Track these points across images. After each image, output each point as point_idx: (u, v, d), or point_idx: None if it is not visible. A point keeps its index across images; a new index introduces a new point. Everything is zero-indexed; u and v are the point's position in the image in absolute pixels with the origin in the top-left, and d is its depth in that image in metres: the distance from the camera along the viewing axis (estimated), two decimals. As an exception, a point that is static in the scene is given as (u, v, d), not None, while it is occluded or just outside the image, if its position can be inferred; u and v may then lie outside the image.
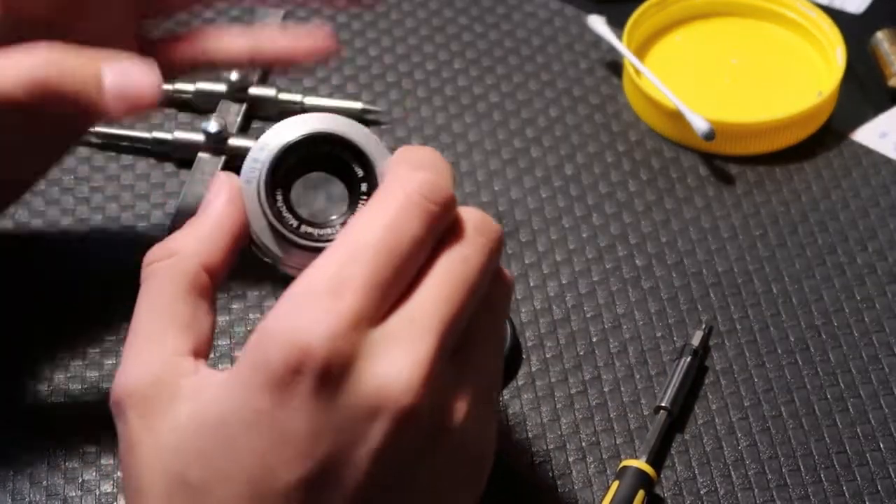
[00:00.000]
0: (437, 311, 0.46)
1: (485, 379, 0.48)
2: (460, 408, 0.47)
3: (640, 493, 0.60)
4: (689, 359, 0.65)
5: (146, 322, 0.48)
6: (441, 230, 0.48)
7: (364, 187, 0.51)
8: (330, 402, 0.44)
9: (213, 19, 0.81)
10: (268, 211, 0.51)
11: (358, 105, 0.78)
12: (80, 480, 0.63)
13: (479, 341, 0.48)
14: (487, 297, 0.48)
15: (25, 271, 0.70)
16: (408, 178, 0.48)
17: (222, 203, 0.50)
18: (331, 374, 0.44)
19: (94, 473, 0.63)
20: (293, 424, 0.44)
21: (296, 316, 0.45)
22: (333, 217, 0.51)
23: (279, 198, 0.51)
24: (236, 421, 0.45)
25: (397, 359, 0.45)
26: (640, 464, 0.61)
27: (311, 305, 0.45)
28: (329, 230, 0.51)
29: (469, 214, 0.49)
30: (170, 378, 0.47)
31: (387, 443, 0.45)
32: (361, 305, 0.45)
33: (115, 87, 0.57)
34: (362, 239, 0.46)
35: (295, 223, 0.51)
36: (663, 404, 0.64)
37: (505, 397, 0.65)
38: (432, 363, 0.45)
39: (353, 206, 0.51)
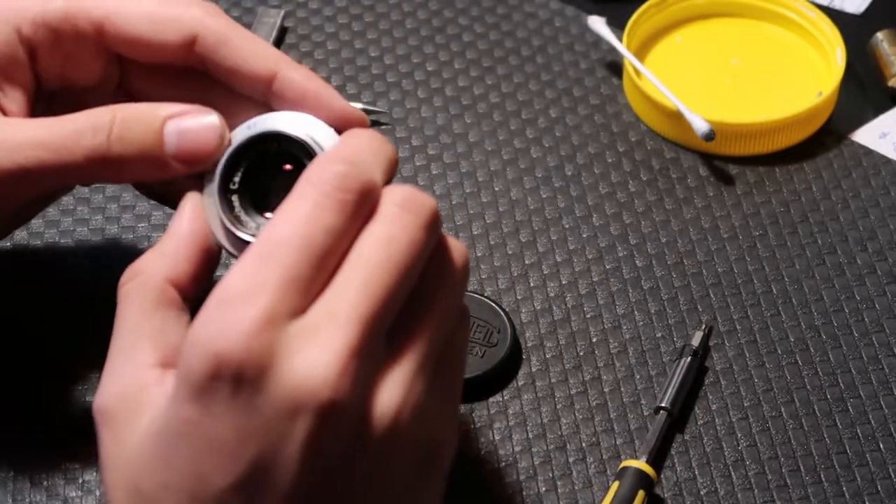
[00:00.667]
0: (358, 298, 0.46)
1: (428, 360, 0.48)
2: (395, 394, 0.46)
3: (641, 494, 0.60)
4: (689, 359, 0.65)
5: (118, 340, 0.51)
6: (363, 217, 0.48)
7: None
8: (251, 404, 0.45)
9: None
10: (224, 217, 0.53)
11: (358, 105, 0.78)
12: (80, 481, 0.63)
13: (420, 320, 0.48)
14: (427, 273, 0.48)
15: (25, 271, 0.70)
16: (318, 173, 0.48)
17: (184, 219, 0.53)
18: (247, 377, 0.45)
19: (94, 474, 0.63)
20: (218, 431, 0.45)
21: (212, 323, 0.45)
22: None
23: (235, 202, 0.53)
24: (170, 432, 0.46)
25: (315, 353, 0.45)
26: (640, 464, 0.61)
27: (226, 310, 0.45)
28: None
29: (394, 192, 0.49)
30: (134, 391, 0.49)
31: (312, 439, 0.45)
32: (276, 303, 0.45)
33: (177, 149, 0.56)
34: (274, 237, 0.47)
35: (253, 225, 0.53)
36: (663, 404, 0.64)
37: (505, 397, 0.65)
38: (353, 354, 0.45)
39: None
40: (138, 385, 0.49)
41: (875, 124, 0.78)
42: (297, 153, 0.53)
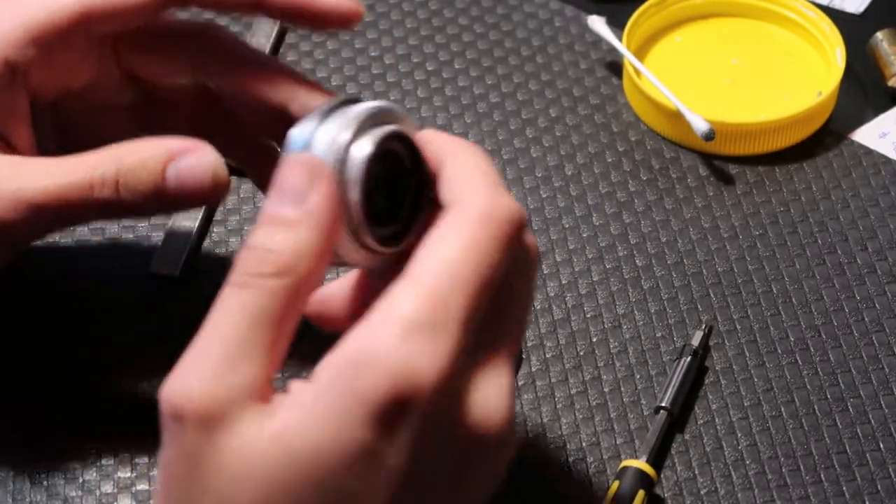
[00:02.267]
0: (511, 333, 0.46)
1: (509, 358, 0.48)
2: (503, 404, 0.46)
3: (641, 494, 0.60)
4: (688, 359, 0.65)
5: (233, 330, 0.45)
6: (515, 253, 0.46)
7: (426, 192, 0.49)
8: (433, 440, 0.44)
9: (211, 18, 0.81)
10: (363, 225, 0.47)
11: (358, 105, 0.78)
12: (81, 480, 0.63)
13: (512, 318, 0.48)
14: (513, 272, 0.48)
15: (25, 271, 0.70)
16: (490, 199, 0.46)
17: (324, 205, 0.46)
18: (439, 412, 0.43)
19: (94, 473, 0.63)
20: (395, 461, 0.43)
21: (401, 347, 0.43)
22: (391, 220, 0.49)
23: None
24: (333, 453, 0.42)
25: (493, 391, 0.45)
26: (641, 464, 0.61)
27: (417, 338, 0.43)
28: (389, 230, 0.49)
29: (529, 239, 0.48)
30: (239, 397, 0.44)
31: (491, 470, 0.46)
32: (463, 340, 0.44)
33: (179, 189, 0.56)
34: (457, 270, 0.44)
35: (381, 235, 0.48)
36: (663, 404, 0.64)
37: (505, 397, 0.65)
38: (511, 390, 0.46)
39: (415, 211, 0.49)
40: (246, 392, 0.44)
41: (875, 124, 0.78)
42: (405, 157, 0.49)
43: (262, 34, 0.81)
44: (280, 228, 0.45)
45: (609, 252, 0.71)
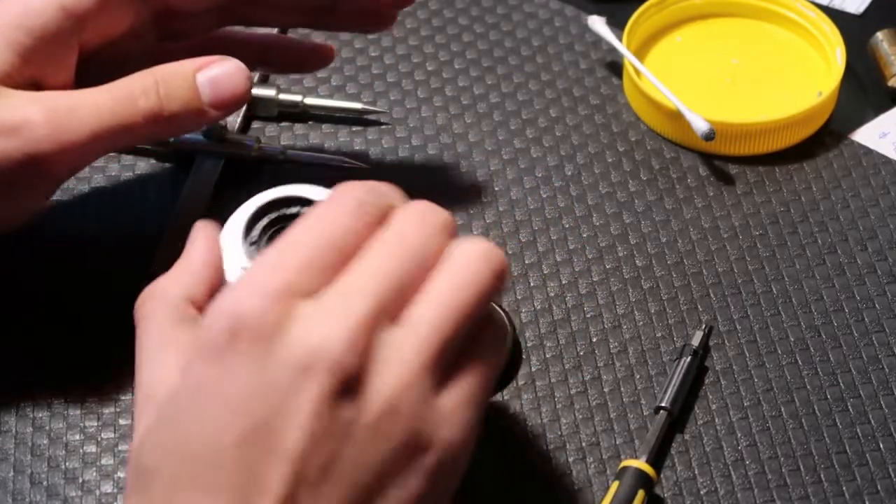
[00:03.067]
0: (371, 280, 0.48)
1: (442, 356, 0.49)
2: (394, 378, 0.47)
3: (640, 494, 0.60)
4: (688, 359, 0.65)
5: (145, 354, 0.53)
6: (378, 224, 0.50)
7: None
8: (265, 361, 0.46)
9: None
10: (243, 262, 0.57)
11: (358, 105, 0.78)
12: (81, 480, 0.63)
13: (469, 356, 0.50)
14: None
15: (25, 271, 0.70)
16: (341, 191, 0.51)
17: (198, 246, 0.56)
18: (263, 335, 0.46)
19: (94, 473, 0.63)
20: (231, 387, 0.46)
21: (233, 292, 0.48)
22: None
23: (253, 252, 0.57)
24: (181, 396, 0.47)
25: (328, 322, 0.47)
26: (640, 464, 0.61)
27: (247, 282, 0.48)
28: None
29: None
30: (160, 387, 0.51)
31: (318, 399, 0.46)
32: (294, 279, 0.47)
33: (212, 97, 0.63)
34: (293, 232, 0.49)
35: None
36: (663, 404, 0.64)
37: (505, 397, 0.65)
38: (362, 328, 0.47)
39: None
40: (165, 381, 0.50)
41: (875, 124, 0.78)
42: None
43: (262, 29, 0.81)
44: (166, 274, 0.56)
45: (609, 252, 0.71)
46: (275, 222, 0.58)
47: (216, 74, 0.63)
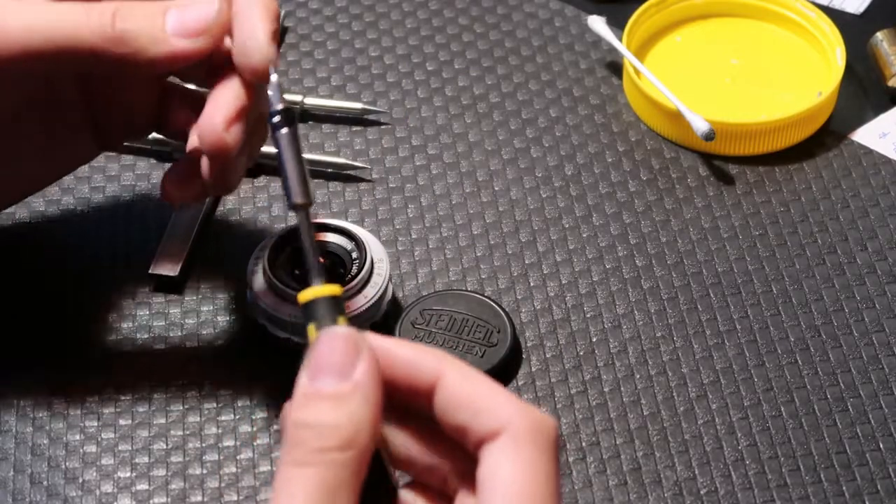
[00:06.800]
0: None
1: None
2: None
3: (342, 320, 0.50)
4: (286, 130, 0.56)
5: None
6: None
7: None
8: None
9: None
10: (274, 281, 0.65)
11: (358, 105, 0.78)
12: (81, 480, 0.63)
13: None
14: None
15: (25, 271, 0.70)
16: (528, 415, 0.48)
17: (370, 375, 0.47)
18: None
19: (94, 473, 0.63)
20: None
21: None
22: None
23: (278, 272, 0.65)
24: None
25: None
26: (319, 290, 0.50)
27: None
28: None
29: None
30: None
31: None
32: None
33: (177, 24, 0.58)
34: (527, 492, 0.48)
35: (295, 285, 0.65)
36: (298, 201, 0.54)
37: (505, 397, 0.65)
38: None
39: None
40: None
41: (875, 124, 0.78)
42: (337, 254, 0.67)
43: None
44: (331, 403, 0.46)
45: (609, 252, 0.71)
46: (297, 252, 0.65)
47: (188, 7, 0.59)
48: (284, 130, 0.55)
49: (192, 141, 0.61)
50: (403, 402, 0.48)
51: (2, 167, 0.64)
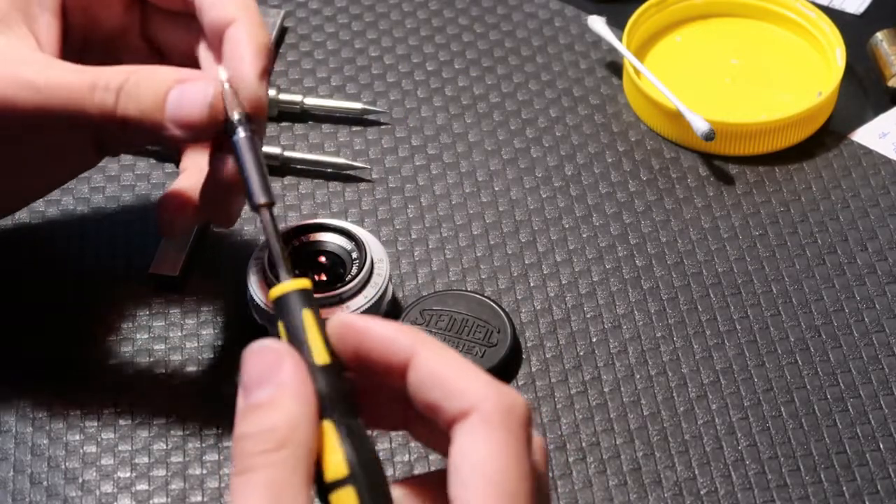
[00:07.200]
0: None
1: None
2: None
3: (308, 312, 0.50)
4: (243, 135, 0.58)
5: None
6: None
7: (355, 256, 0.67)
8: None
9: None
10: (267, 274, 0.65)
11: (358, 105, 0.78)
12: (81, 480, 0.63)
13: None
14: None
15: (25, 271, 0.70)
16: (500, 396, 0.48)
17: (294, 376, 0.48)
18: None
19: (94, 473, 0.63)
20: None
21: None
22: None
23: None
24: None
25: None
26: (287, 286, 0.50)
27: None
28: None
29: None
30: None
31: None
32: None
33: (173, 115, 0.59)
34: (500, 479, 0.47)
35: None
36: (261, 201, 0.55)
37: (505, 397, 0.65)
38: None
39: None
40: None
41: (875, 124, 0.78)
42: (337, 254, 0.67)
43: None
44: (264, 410, 0.47)
45: (609, 252, 0.71)
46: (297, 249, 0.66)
47: (185, 93, 0.59)
48: (238, 136, 0.57)
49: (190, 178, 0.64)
50: (379, 381, 0.49)
51: (4, 179, 0.64)
